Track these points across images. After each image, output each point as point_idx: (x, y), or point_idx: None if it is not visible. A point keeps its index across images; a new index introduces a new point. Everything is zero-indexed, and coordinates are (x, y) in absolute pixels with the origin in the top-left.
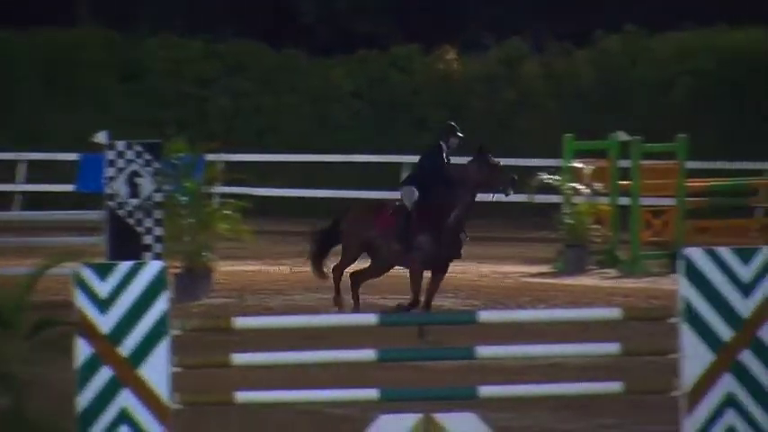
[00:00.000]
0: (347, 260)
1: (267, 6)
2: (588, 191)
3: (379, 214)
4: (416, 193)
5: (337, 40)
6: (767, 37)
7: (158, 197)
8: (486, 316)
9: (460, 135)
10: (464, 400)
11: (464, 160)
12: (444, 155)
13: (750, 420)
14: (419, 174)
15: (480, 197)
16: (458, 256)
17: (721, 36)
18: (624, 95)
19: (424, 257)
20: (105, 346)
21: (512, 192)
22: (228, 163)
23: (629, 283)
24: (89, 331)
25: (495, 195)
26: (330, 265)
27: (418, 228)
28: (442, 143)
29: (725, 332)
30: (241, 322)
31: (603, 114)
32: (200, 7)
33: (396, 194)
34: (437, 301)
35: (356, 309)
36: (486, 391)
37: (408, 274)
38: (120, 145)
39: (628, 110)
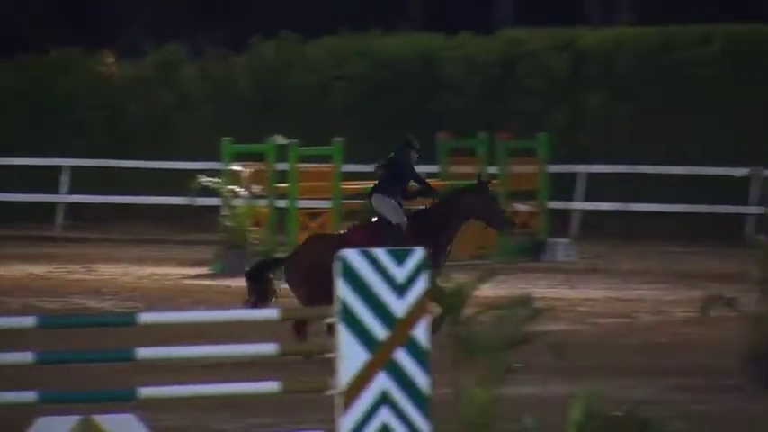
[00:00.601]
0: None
1: None
2: (247, 193)
3: (344, 238)
4: (402, 212)
5: None
6: (418, 42)
7: None
8: (146, 318)
9: (418, 148)
10: (124, 401)
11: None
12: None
13: (403, 417)
14: (392, 183)
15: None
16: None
17: (374, 41)
18: (281, 100)
19: None
20: None
21: (508, 230)
22: None
23: None
24: None
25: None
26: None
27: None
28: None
29: (380, 331)
30: None
31: (261, 118)
32: None
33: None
34: (95, 303)
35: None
36: (145, 392)
37: None
38: None
39: (285, 114)
